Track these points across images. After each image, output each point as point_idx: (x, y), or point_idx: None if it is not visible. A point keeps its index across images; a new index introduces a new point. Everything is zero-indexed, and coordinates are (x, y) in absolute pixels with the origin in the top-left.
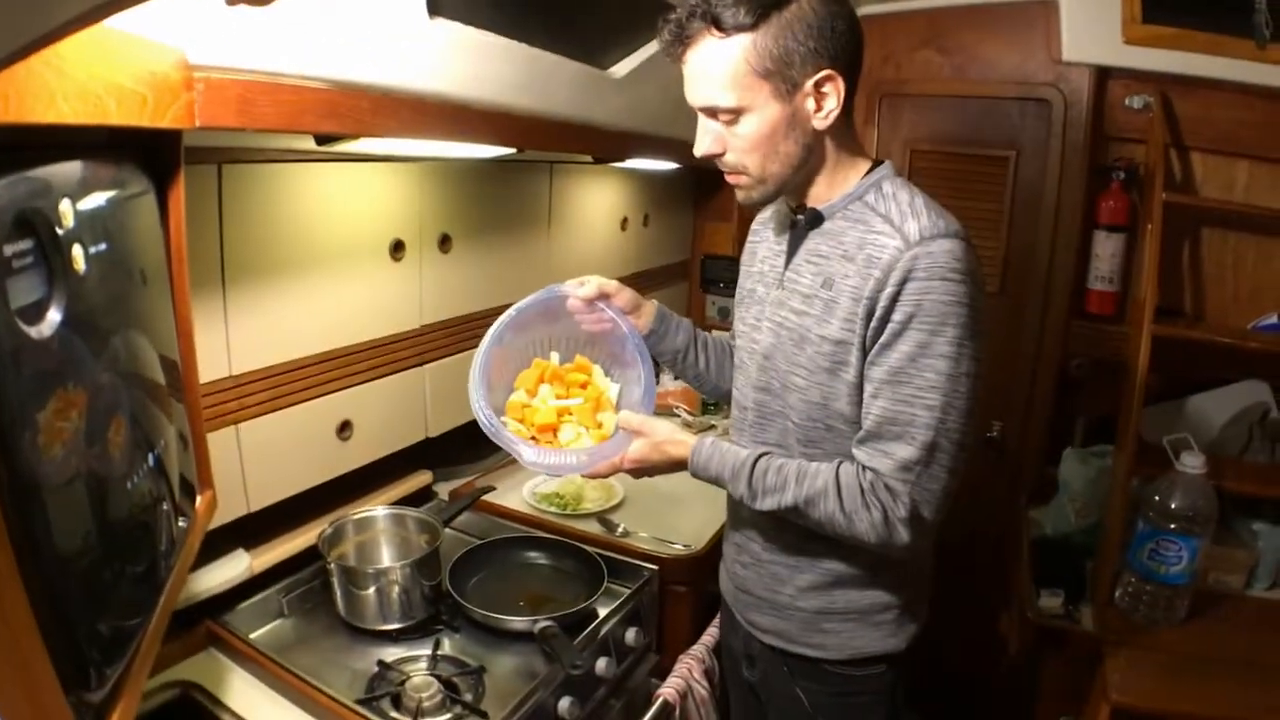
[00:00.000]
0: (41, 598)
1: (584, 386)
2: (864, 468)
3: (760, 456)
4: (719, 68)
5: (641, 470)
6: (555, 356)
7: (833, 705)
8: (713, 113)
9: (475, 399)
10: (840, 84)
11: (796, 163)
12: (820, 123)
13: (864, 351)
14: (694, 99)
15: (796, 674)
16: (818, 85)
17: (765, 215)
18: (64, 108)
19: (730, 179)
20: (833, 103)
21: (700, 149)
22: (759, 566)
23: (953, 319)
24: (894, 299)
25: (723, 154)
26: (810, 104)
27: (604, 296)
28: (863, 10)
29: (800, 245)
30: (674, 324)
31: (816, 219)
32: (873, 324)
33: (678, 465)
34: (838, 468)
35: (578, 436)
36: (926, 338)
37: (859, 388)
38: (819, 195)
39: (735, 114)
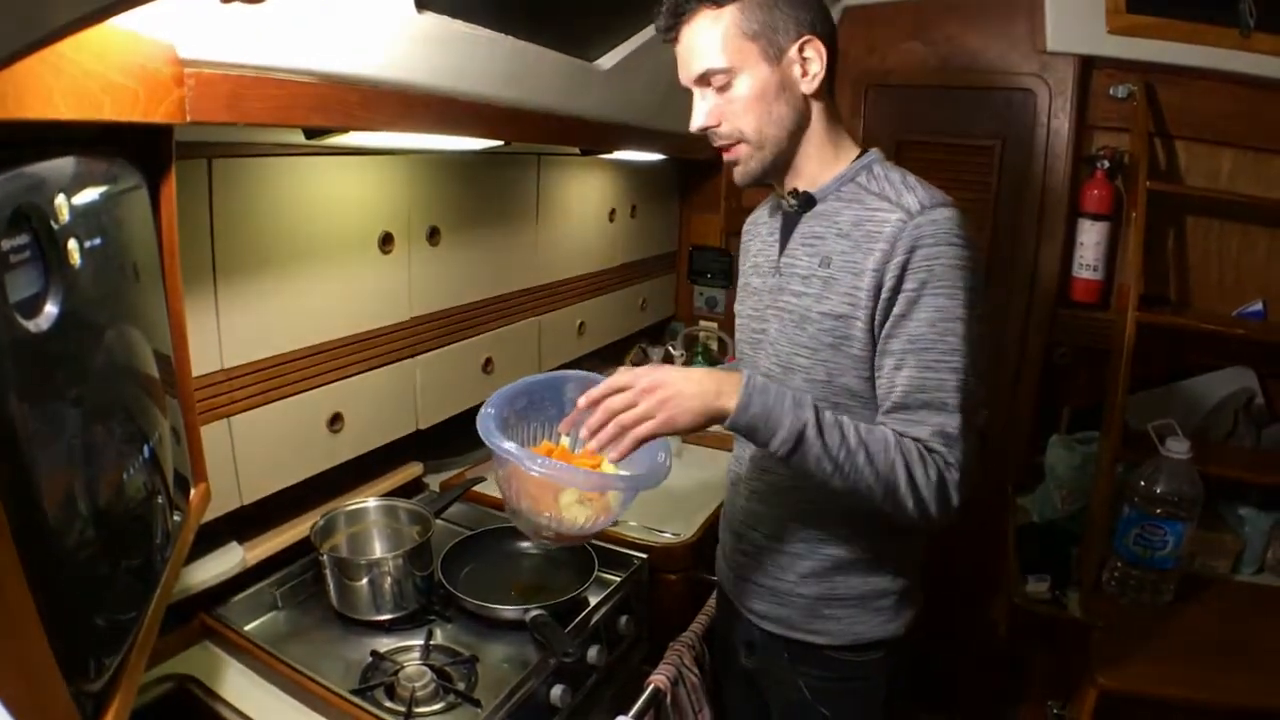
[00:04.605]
0: (42, 590)
1: (594, 469)
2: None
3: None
4: (712, 35)
5: (659, 392)
6: (566, 441)
7: (833, 691)
8: (706, 80)
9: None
10: (821, 47)
11: (790, 126)
12: (807, 86)
13: (871, 325)
14: (689, 71)
15: (797, 661)
16: (800, 50)
17: (754, 214)
18: (60, 104)
19: (728, 155)
20: (816, 66)
21: (696, 123)
22: (760, 554)
23: (962, 282)
24: (904, 267)
25: (718, 125)
26: (796, 70)
27: None
28: (848, 1)
29: (794, 230)
30: None
31: (809, 201)
32: (883, 295)
33: (713, 394)
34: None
35: (581, 504)
36: (944, 302)
37: (865, 361)
38: (812, 177)
39: (728, 76)
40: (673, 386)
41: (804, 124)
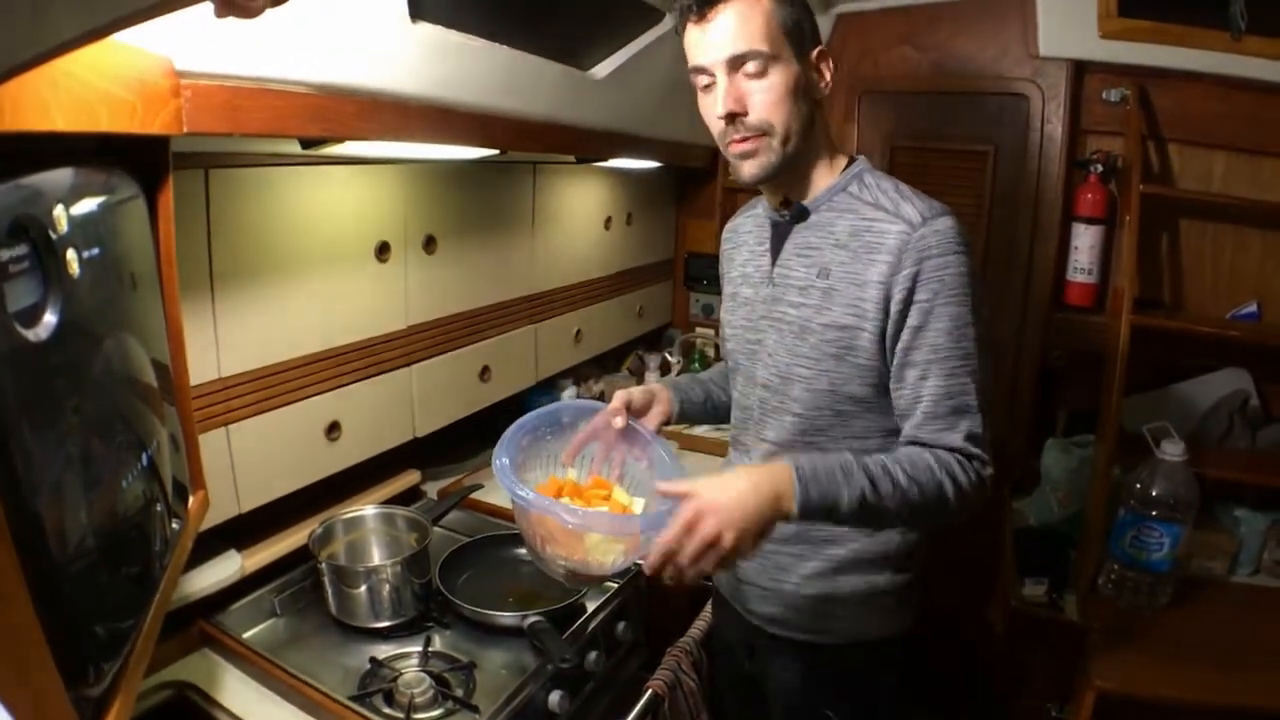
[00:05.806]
0: (43, 597)
1: (606, 499)
2: (935, 446)
3: (849, 454)
4: (755, 20)
5: (726, 537)
6: (573, 473)
7: (837, 691)
8: (740, 63)
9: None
10: (830, 62)
11: (809, 126)
12: (822, 92)
13: (880, 335)
14: (722, 52)
15: (802, 662)
16: (817, 59)
17: (735, 222)
18: (57, 117)
19: (745, 146)
20: (828, 76)
21: (723, 108)
22: (763, 557)
23: (970, 289)
24: (915, 279)
25: (744, 114)
26: (814, 75)
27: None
28: (841, 8)
29: (786, 241)
30: (686, 388)
31: (803, 213)
32: (894, 307)
33: (771, 505)
34: (912, 448)
35: (610, 542)
36: (956, 310)
37: (873, 370)
38: (811, 184)
39: (767, 63)
40: (735, 525)
41: (815, 131)
